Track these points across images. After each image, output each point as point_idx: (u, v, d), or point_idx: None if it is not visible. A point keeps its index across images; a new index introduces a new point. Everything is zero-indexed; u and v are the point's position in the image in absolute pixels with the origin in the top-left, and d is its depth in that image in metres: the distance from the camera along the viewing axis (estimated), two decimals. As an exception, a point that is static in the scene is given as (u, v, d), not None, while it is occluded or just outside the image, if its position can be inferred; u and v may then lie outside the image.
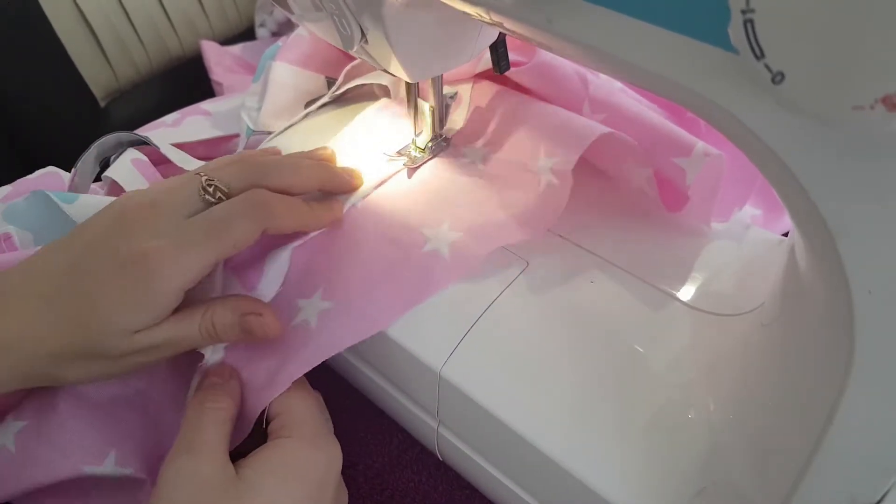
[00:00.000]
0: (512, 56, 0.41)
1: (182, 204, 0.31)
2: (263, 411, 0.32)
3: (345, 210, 0.37)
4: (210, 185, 0.32)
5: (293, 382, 0.32)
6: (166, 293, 0.29)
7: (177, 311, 0.31)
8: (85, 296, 0.28)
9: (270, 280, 0.34)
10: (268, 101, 0.47)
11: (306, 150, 0.41)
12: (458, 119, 0.44)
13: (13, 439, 0.31)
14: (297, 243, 0.35)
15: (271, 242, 0.36)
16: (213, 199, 0.32)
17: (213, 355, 0.33)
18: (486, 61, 0.43)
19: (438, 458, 0.38)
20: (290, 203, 0.33)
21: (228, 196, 0.32)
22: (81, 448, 0.31)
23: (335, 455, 0.31)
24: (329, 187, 0.37)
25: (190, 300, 0.31)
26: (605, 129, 0.37)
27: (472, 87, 0.45)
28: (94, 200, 0.36)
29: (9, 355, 0.28)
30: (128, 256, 0.29)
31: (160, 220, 0.30)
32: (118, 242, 0.29)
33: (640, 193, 0.40)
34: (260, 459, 0.29)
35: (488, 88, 0.44)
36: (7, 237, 0.36)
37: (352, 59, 0.48)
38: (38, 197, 0.37)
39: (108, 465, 0.31)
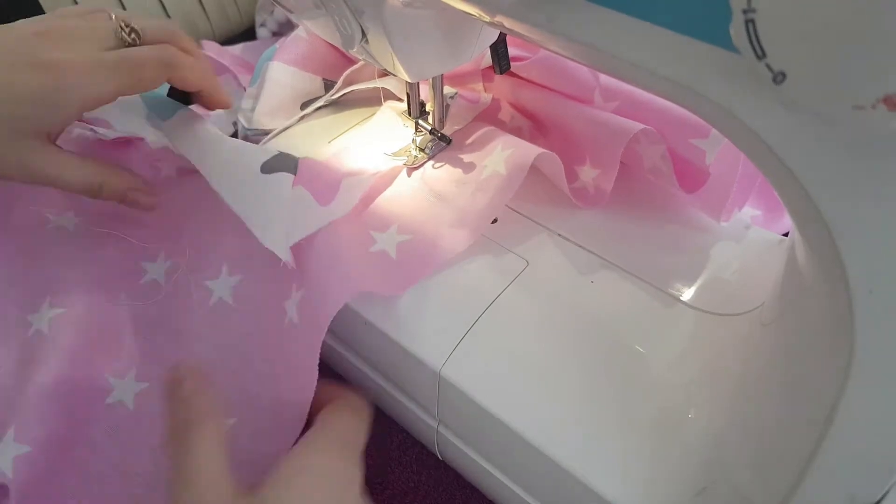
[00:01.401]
0: (517, 51, 0.40)
1: (100, 37, 0.33)
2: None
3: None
4: (127, 27, 0.34)
5: (345, 397, 0.31)
6: (68, 100, 0.32)
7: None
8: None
9: (342, 201, 0.36)
10: (263, 99, 0.47)
11: (304, 151, 0.41)
12: (460, 118, 0.44)
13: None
14: (368, 175, 0.38)
15: (346, 172, 0.39)
16: (128, 39, 0.34)
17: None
18: (486, 61, 0.43)
19: (438, 458, 0.38)
20: (197, 62, 0.36)
21: (142, 41, 0.35)
22: (108, 361, 0.34)
23: (355, 473, 0.29)
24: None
25: None
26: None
27: (484, 85, 0.45)
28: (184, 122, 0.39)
29: None
30: (44, 62, 0.31)
31: (78, 44, 0.33)
32: (38, 49, 0.31)
33: (654, 173, 0.39)
34: (280, 477, 0.27)
35: (500, 85, 0.44)
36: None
37: (349, 61, 0.48)
38: (160, 103, 0.40)
39: (129, 380, 0.33)
